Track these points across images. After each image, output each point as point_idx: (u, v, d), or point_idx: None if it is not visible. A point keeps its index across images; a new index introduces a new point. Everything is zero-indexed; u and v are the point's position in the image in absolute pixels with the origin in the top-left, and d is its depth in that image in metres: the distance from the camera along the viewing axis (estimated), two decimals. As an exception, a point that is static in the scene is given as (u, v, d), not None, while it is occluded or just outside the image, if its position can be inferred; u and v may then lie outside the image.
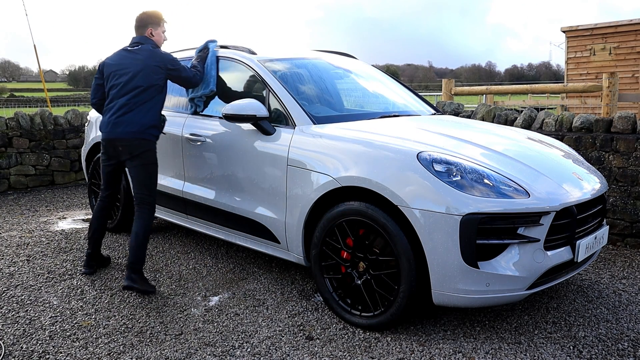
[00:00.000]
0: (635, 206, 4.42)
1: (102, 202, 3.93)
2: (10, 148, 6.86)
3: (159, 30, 3.84)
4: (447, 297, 2.72)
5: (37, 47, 9.41)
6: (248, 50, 4.01)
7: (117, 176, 3.90)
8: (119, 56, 3.73)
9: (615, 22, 13.35)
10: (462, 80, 63.59)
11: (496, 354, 2.75)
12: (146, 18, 3.82)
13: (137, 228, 3.60)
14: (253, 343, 2.88)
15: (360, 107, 4.29)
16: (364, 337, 2.92)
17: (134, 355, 2.77)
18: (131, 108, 3.59)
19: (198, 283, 3.72)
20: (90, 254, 3.93)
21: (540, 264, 2.71)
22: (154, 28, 3.80)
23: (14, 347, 2.85)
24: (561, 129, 4.84)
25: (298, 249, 3.33)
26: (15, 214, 5.70)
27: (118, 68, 3.67)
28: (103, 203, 3.93)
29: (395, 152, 2.91)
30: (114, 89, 3.66)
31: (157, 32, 3.82)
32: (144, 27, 3.80)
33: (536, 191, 2.75)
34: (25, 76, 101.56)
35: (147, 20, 3.81)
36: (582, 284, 3.69)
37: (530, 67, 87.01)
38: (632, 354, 2.76)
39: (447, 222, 2.64)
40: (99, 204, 3.94)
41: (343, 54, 4.84)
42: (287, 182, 3.32)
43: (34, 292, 3.58)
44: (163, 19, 3.88)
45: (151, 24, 3.80)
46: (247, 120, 3.44)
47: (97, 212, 3.92)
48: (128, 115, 3.58)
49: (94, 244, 3.93)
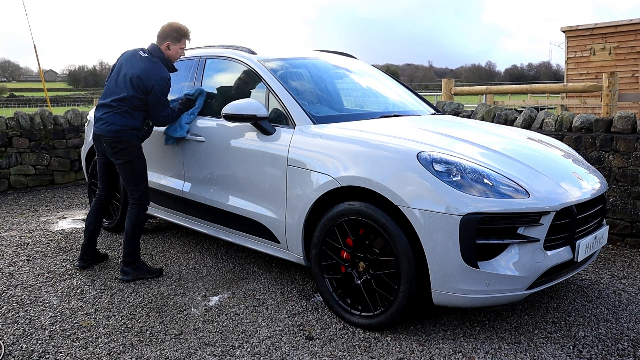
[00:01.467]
0: (635, 206, 4.42)
1: (99, 196, 4.08)
2: (10, 148, 6.85)
3: (177, 46, 3.82)
4: (447, 297, 2.72)
5: (37, 47, 9.41)
6: (248, 50, 4.01)
7: (110, 171, 3.99)
8: (130, 55, 3.82)
9: (615, 22, 13.35)
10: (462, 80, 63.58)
11: (496, 353, 2.75)
12: (169, 30, 3.81)
13: (127, 224, 3.80)
14: (253, 343, 2.88)
15: (360, 107, 4.29)
16: (363, 337, 2.92)
17: (134, 355, 2.77)
18: (116, 109, 3.68)
19: (198, 283, 3.72)
20: (85, 246, 4.02)
21: (540, 264, 2.71)
22: (172, 42, 3.80)
23: (14, 346, 2.85)
24: (561, 128, 4.84)
25: (298, 249, 3.33)
26: (15, 214, 5.70)
27: (121, 66, 3.78)
28: (99, 197, 4.07)
29: (395, 151, 2.91)
30: (109, 85, 3.79)
31: (174, 47, 3.81)
32: (163, 39, 3.81)
33: (536, 191, 2.75)
34: (25, 76, 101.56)
35: (169, 33, 3.80)
36: (582, 283, 3.69)
37: (530, 67, 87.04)
38: (632, 353, 2.76)
39: (447, 222, 2.63)
40: (96, 197, 4.09)
41: (343, 53, 4.84)
42: (287, 182, 3.32)
43: (34, 291, 3.58)
44: (186, 36, 3.85)
45: (171, 37, 3.79)
46: (247, 120, 3.44)
47: (94, 205, 4.08)
48: (112, 114, 3.69)
49: (90, 236, 4.02)
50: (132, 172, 3.76)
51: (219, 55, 4.13)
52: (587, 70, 13.76)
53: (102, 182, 4.03)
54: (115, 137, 3.68)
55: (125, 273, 3.76)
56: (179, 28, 3.83)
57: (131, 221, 3.79)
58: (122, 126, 3.67)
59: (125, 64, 3.76)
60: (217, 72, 4.19)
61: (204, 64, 4.20)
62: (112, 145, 3.70)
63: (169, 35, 3.80)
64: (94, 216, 4.03)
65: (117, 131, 3.67)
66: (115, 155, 3.73)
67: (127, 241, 3.78)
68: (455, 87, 7.26)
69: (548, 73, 66.96)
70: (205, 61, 4.20)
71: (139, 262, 3.83)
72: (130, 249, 3.78)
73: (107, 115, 3.69)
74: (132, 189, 3.78)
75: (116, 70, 3.81)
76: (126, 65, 3.75)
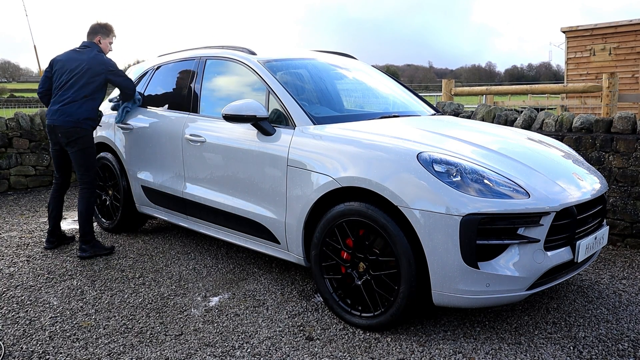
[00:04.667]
0: (636, 206, 4.42)
1: (55, 185, 4.49)
2: (10, 148, 6.86)
3: (106, 40, 4.39)
4: (447, 298, 2.72)
5: (37, 48, 9.42)
6: (248, 50, 4.01)
7: (64, 160, 4.40)
8: (67, 55, 4.27)
9: (615, 22, 13.36)
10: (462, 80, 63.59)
11: (496, 354, 2.75)
12: (98, 27, 4.37)
13: (80, 207, 4.27)
14: (253, 343, 2.88)
15: (360, 108, 4.29)
16: (364, 338, 2.92)
17: (134, 355, 2.77)
18: (71, 101, 4.11)
19: (198, 283, 3.72)
20: (51, 231, 4.49)
21: (540, 265, 2.71)
22: (102, 37, 4.36)
23: (14, 347, 2.85)
24: (561, 129, 4.84)
25: (298, 250, 3.33)
26: (15, 215, 5.70)
27: (64, 64, 4.20)
28: (56, 185, 4.48)
29: (395, 152, 2.91)
30: (59, 83, 4.19)
31: (105, 41, 4.38)
32: (94, 34, 4.35)
33: (536, 191, 2.75)
34: (25, 77, 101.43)
35: (98, 30, 4.36)
36: (582, 284, 3.68)
37: (530, 67, 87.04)
38: (632, 354, 2.76)
39: (447, 223, 2.63)
40: (54, 186, 4.49)
41: (343, 54, 4.84)
42: (287, 183, 3.32)
43: (34, 292, 3.58)
44: (113, 32, 4.45)
45: (101, 33, 4.36)
46: (247, 121, 3.44)
47: (53, 194, 4.47)
48: (67, 106, 4.11)
49: (54, 222, 4.48)
50: (85, 159, 4.21)
51: (219, 56, 4.13)
52: (587, 70, 13.76)
53: (58, 172, 4.45)
54: (71, 127, 4.11)
55: (83, 250, 4.23)
56: (106, 25, 4.40)
57: (84, 203, 4.25)
58: (78, 116, 4.11)
59: (71, 62, 4.18)
60: (217, 73, 4.19)
61: (204, 64, 4.20)
62: (68, 135, 4.13)
63: (98, 31, 4.35)
64: (54, 204, 4.45)
65: (73, 121, 4.10)
66: (70, 144, 4.16)
67: (83, 222, 4.24)
68: (455, 87, 7.26)
69: (548, 73, 66.95)
70: (206, 62, 4.21)
71: (94, 240, 4.31)
72: (87, 229, 4.25)
73: (63, 108, 4.10)
74: (84, 174, 4.23)
75: (60, 70, 4.19)
76: (72, 62, 4.18)
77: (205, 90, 4.15)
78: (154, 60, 4.93)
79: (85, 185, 4.25)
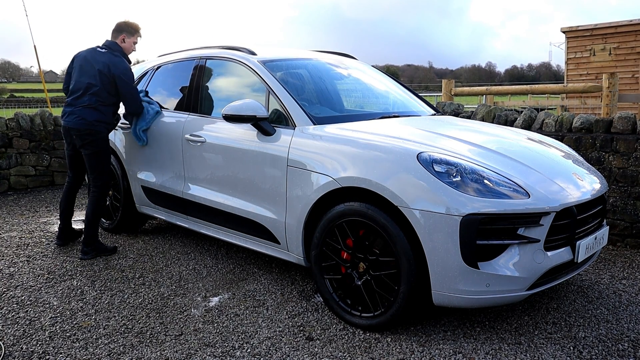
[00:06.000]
0: (636, 207, 4.42)
1: (68, 184, 4.46)
2: (10, 149, 6.86)
3: (131, 39, 4.29)
4: (447, 298, 2.72)
5: (37, 48, 9.41)
6: (248, 50, 4.01)
7: (77, 161, 4.35)
8: (88, 53, 4.19)
9: (615, 22, 13.37)
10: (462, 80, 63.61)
11: (496, 354, 2.75)
12: (124, 25, 4.28)
13: (88, 210, 4.22)
14: (253, 344, 2.88)
15: (360, 108, 4.29)
16: (364, 338, 2.92)
17: (134, 355, 2.77)
18: (85, 102, 4.05)
19: (198, 284, 3.72)
20: (62, 229, 4.50)
21: (540, 265, 2.71)
22: (127, 36, 4.27)
23: (14, 347, 2.85)
24: (561, 129, 4.84)
25: (298, 250, 3.33)
26: (16, 215, 5.70)
27: (83, 63, 4.13)
28: (68, 184, 4.46)
29: (395, 152, 2.90)
30: (75, 82, 4.13)
31: (129, 40, 4.28)
32: (119, 32, 4.26)
33: (536, 191, 2.75)
34: (26, 77, 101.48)
35: (124, 28, 4.27)
36: (582, 284, 3.68)
37: (530, 67, 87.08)
38: (632, 354, 2.76)
39: (447, 223, 2.63)
40: (66, 185, 4.47)
41: (343, 54, 4.84)
42: (287, 183, 3.31)
43: (34, 292, 3.58)
44: (139, 32, 4.34)
45: (126, 31, 4.27)
46: (247, 121, 3.44)
47: (65, 193, 4.46)
48: (81, 108, 4.05)
49: (64, 219, 4.48)
50: (97, 163, 4.15)
51: (219, 56, 4.14)
52: (587, 70, 13.77)
53: (71, 171, 4.42)
54: (85, 129, 4.04)
55: (85, 253, 4.18)
56: (132, 24, 4.29)
57: (92, 207, 4.19)
58: (92, 119, 4.04)
59: (90, 61, 4.10)
60: (218, 73, 4.19)
61: (204, 64, 4.20)
62: (82, 137, 4.07)
63: (124, 29, 4.25)
64: (66, 203, 4.44)
65: (87, 123, 4.03)
66: (84, 147, 4.11)
67: (88, 225, 4.18)
68: (455, 87, 7.27)
69: (548, 74, 66.96)
70: (206, 62, 4.21)
71: (97, 243, 4.25)
72: (91, 232, 4.19)
73: (77, 109, 4.05)
74: (95, 177, 4.17)
75: (78, 68, 4.12)
76: (90, 62, 4.09)
77: (205, 90, 4.16)
78: (154, 60, 4.93)
79: (96, 189, 4.19)
